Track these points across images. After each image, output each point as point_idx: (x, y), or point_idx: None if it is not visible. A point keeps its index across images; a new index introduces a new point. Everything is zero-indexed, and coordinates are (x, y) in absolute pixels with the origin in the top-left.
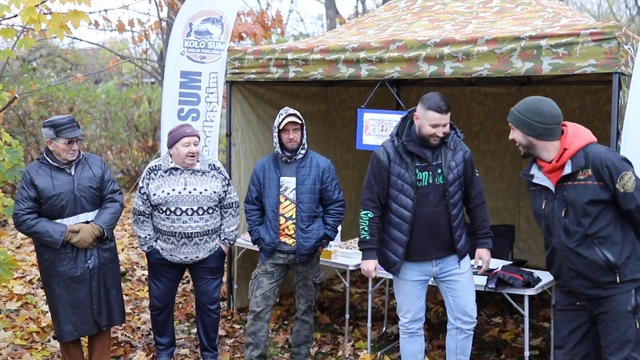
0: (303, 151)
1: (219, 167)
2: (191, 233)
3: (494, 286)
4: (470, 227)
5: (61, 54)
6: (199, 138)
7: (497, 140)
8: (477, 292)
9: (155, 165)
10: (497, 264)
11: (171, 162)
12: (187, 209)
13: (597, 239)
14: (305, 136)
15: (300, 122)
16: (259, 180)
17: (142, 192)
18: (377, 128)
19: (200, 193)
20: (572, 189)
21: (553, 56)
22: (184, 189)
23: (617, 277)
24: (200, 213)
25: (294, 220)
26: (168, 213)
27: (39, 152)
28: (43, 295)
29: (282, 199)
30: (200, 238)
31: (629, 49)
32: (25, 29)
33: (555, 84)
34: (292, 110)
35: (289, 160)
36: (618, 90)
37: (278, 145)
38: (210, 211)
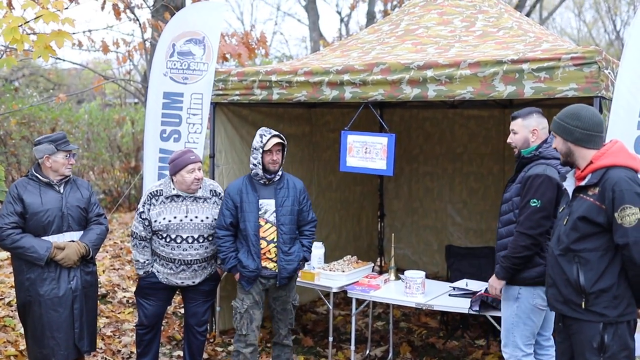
0: (280, 172)
1: (219, 193)
2: (190, 260)
3: (477, 309)
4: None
5: (44, 73)
6: (202, 163)
7: (480, 162)
8: (461, 314)
9: (157, 191)
10: (480, 286)
11: (173, 188)
12: (187, 236)
13: (579, 257)
14: (284, 157)
15: (284, 142)
16: (235, 204)
17: (142, 217)
18: (360, 150)
19: (202, 221)
20: (578, 200)
21: (535, 80)
22: (186, 216)
23: (583, 303)
24: (201, 241)
25: (276, 243)
26: (168, 240)
27: (20, 172)
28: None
29: (262, 222)
30: (199, 265)
31: (609, 73)
32: (7, 48)
33: (538, 107)
34: (274, 131)
35: (267, 182)
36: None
37: (260, 166)
38: (210, 238)
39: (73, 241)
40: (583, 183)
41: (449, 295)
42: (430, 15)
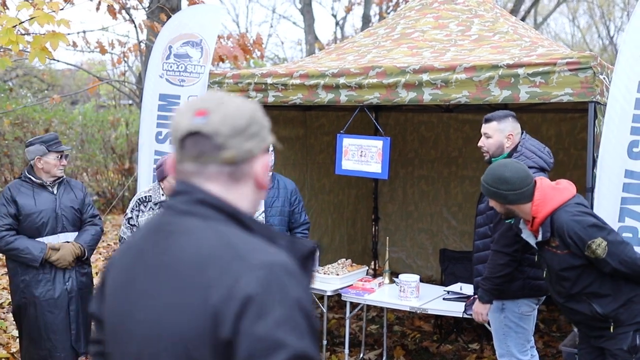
0: (270, 173)
1: None
2: None
3: (472, 312)
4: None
5: (38, 74)
6: None
7: (476, 166)
8: (454, 318)
9: (145, 197)
10: (474, 290)
11: (162, 194)
12: None
13: (585, 295)
14: (274, 158)
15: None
16: None
17: (131, 223)
18: (356, 153)
19: None
20: (548, 254)
21: (530, 84)
22: None
23: (611, 327)
24: None
25: None
26: None
27: (13, 174)
28: (13, 320)
29: None
30: None
31: (604, 78)
32: (1, 48)
33: (532, 111)
34: None
35: None
36: (594, 119)
37: None
38: None
39: (68, 242)
40: (540, 239)
41: (443, 299)
42: (426, 19)
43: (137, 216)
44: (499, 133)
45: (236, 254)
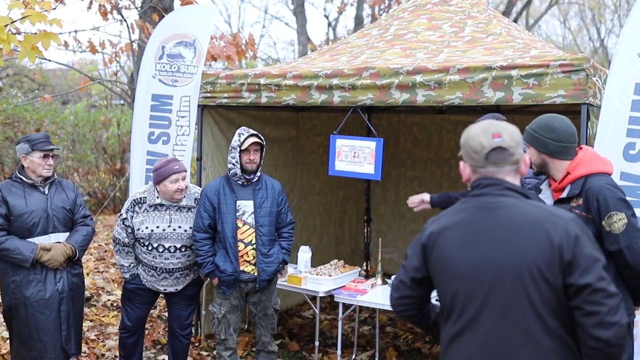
0: (259, 173)
1: None
2: (172, 269)
3: None
4: None
5: (29, 74)
6: (186, 172)
7: None
8: None
9: (140, 198)
10: None
11: (157, 197)
12: (170, 246)
13: None
14: (263, 158)
15: (261, 142)
16: (212, 205)
17: (125, 224)
18: (349, 154)
19: (185, 231)
20: None
21: (523, 86)
22: (169, 226)
23: None
24: (183, 250)
25: (254, 246)
26: (150, 248)
27: (3, 174)
28: (3, 322)
29: (239, 224)
30: (182, 272)
31: (596, 80)
32: None
33: (524, 113)
34: (252, 131)
35: (245, 183)
36: (587, 121)
37: (238, 165)
38: (193, 247)
39: (59, 242)
40: (564, 195)
41: (436, 300)
42: (419, 20)
43: (132, 217)
44: None
45: (553, 214)
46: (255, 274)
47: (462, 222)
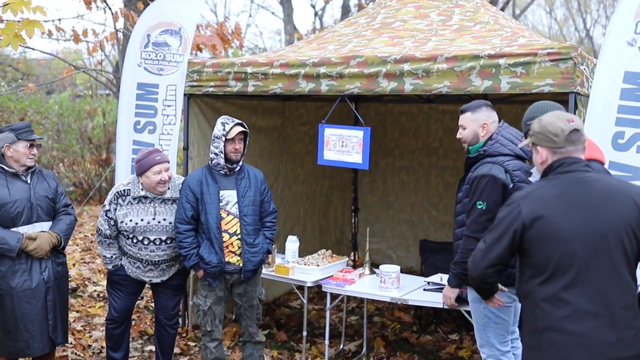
0: (241, 163)
1: None
2: (158, 261)
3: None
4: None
5: (12, 63)
6: (169, 163)
7: (456, 157)
8: (434, 309)
9: (124, 190)
10: None
11: (141, 189)
12: (155, 238)
13: None
14: (246, 147)
15: (246, 131)
16: (195, 196)
17: (108, 216)
18: (337, 144)
19: (170, 223)
20: None
21: (511, 75)
22: (153, 218)
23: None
24: (169, 242)
25: (239, 236)
26: (135, 241)
27: None
28: None
29: (223, 214)
30: (167, 264)
31: (584, 69)
32: None
33: (511, 102)
34: (236, 120)
35: (228, 173)
36: (574, 110)
37: (222, 155)
38: (176, 239)
39: (44, 231)
40: None
41: (424, 289)
42: (406, 9)
43: (115, 209)
44: (473, 123)
45: (632, 185)
46: (241, 264)
47: (560, 195)
